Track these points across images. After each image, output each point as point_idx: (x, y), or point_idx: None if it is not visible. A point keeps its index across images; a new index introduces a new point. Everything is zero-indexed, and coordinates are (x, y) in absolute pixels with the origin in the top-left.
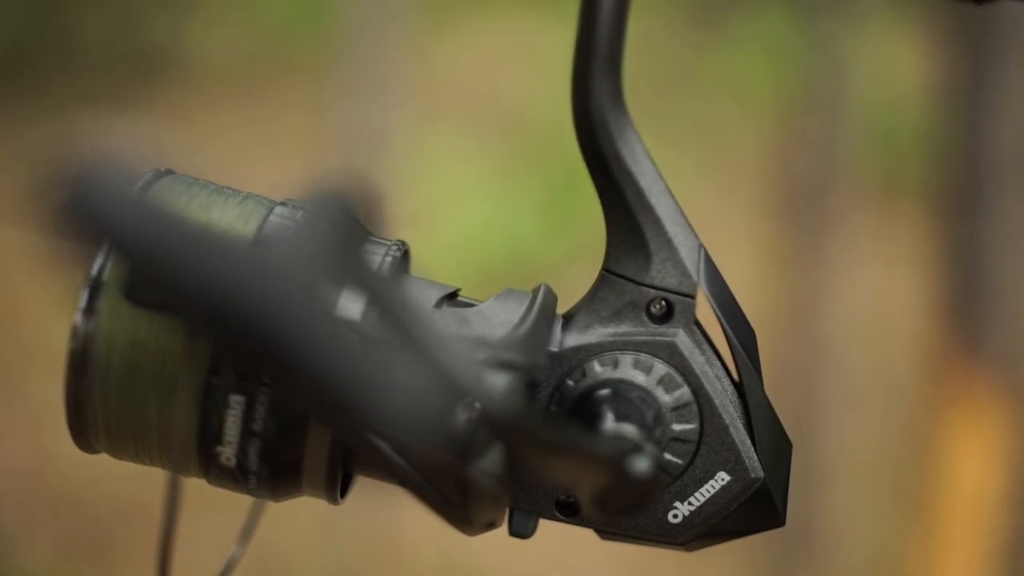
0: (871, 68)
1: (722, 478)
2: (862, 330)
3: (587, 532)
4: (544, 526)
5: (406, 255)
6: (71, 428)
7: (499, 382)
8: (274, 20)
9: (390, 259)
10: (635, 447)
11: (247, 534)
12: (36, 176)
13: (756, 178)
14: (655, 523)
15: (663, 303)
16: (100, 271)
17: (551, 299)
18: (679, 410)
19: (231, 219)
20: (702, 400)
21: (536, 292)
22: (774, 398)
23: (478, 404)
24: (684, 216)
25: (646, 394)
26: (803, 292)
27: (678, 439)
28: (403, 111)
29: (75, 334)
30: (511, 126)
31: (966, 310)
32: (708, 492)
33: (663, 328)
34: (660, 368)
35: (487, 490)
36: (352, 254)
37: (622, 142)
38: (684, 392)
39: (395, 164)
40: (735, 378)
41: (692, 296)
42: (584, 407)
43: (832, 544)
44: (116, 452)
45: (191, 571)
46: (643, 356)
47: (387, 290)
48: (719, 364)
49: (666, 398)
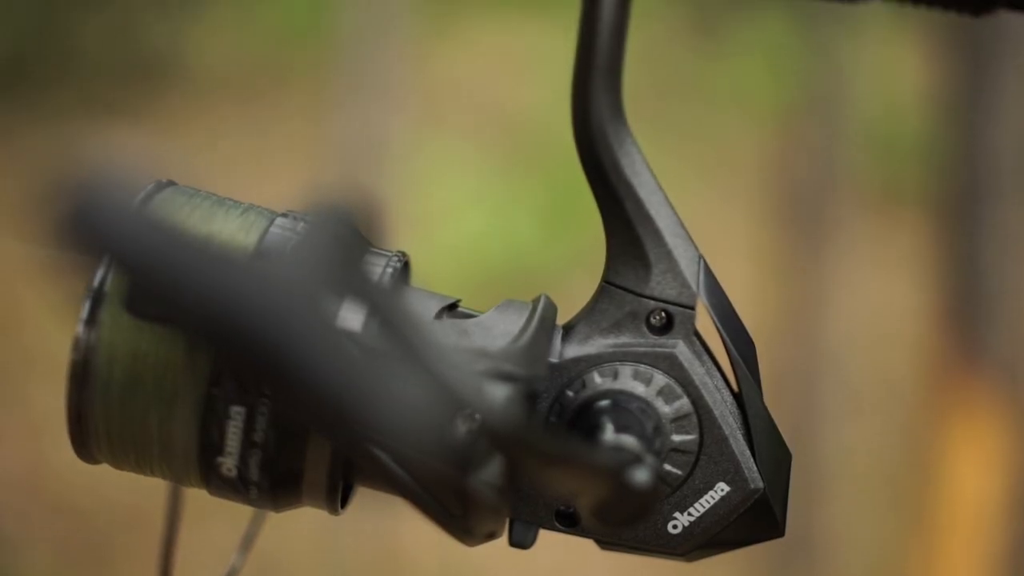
0: (871, 75)
1: (722, 489)
2: (862, 336)
3: (587, 542)
4: (544, 536)
5: (406, 266)
6: (72, 439)
7: (499, 393)
8: (273, 27)
9: (391, 270)
10: (635, 458)
11: (248, 544)
12: (37, 187)
13: (756, 184)
14: (655, 533)
15: (663, 314)
16: (102, 282)
17: (551, 310)
18: (679, 421)
19: (232, 230)
20: (702, 411)
21: (536, 303)
22: (773, 404)
23: (478, 415)
24: (684, 227)
25: (646, 405)
26: (803, 298)
27: (678, 450)
28: (402, 118)
29: (77, 345)
30: (511, 133)
31: (966, 316)
32: (708, 503)
33: (663, 339)
34: (660, 379)
35: (487, 501)
36: (353, 265)
37: (622, 153)
38: (684, 403)
39: (394, 171)
40: (735, 389)
41: (692, 307)
42: (584, 418)
43: (832, 551)
44: (117, 463)
45: None
46: (643, 367)
47: (388, 301)
48: (719, 375)
49: (666, 409)
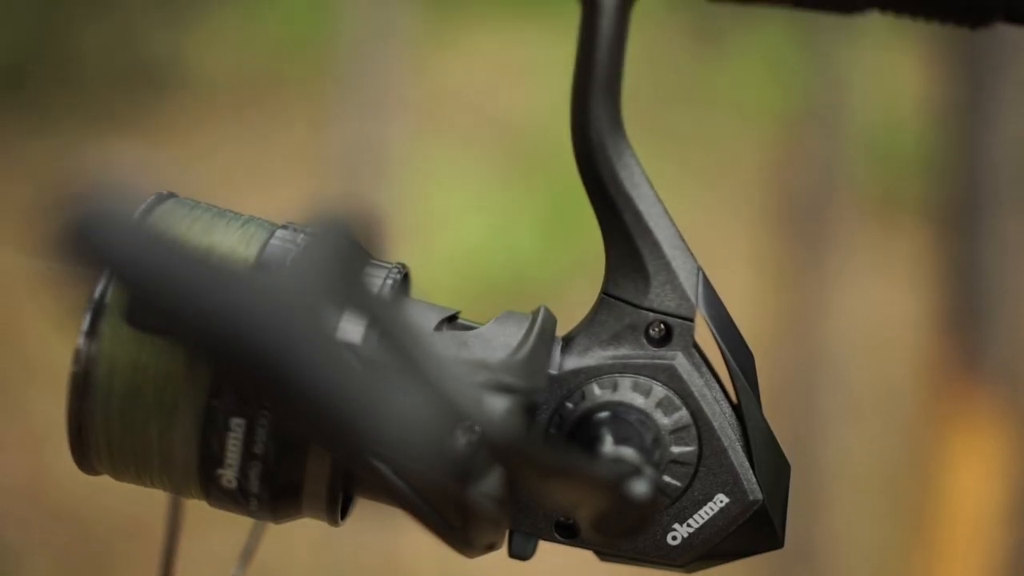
0: (870, 82)
1: (721, 500)
2: (862, 344)
3: (586, 553)
4: (544, 547)
5: (406, 278)
6: (73, 450)
7: (498, 405)
8: (273, 35)
9: (390, 282)
10: (634, 470)
11: (248, 555)
12: (38, 200)
13: (756, 192)
14: (654, 545)
15: (662, 326)
16: (103, 294)
17: (550, 322)
18: (678, 432)
19: (232, 242)
20: (701, 422)
21: (536, 315)
22: (773, 410)
23: (477, 427)
24: (682, 239)
25: (645, 417)
26: (803, 304)
27: (677, 461)
28: (402, 126)
29: (77, 357)
30: (510, 141)
31: (966, 324)
32: (707, 514)
33: (662, 351)
34: (659, 391)
35: (487, 513)
36: (353, 278)
37: (620, 166)
38: (683, 415)
39: (394, 179)
40: (734, 400)
41: (691, 319)
42: (583, 430)
43: (833, 558)
44: (118, 474)
45: None
46: (642, 379)
47: (387, 313)
48: (718, 386)
49: (665, 420)
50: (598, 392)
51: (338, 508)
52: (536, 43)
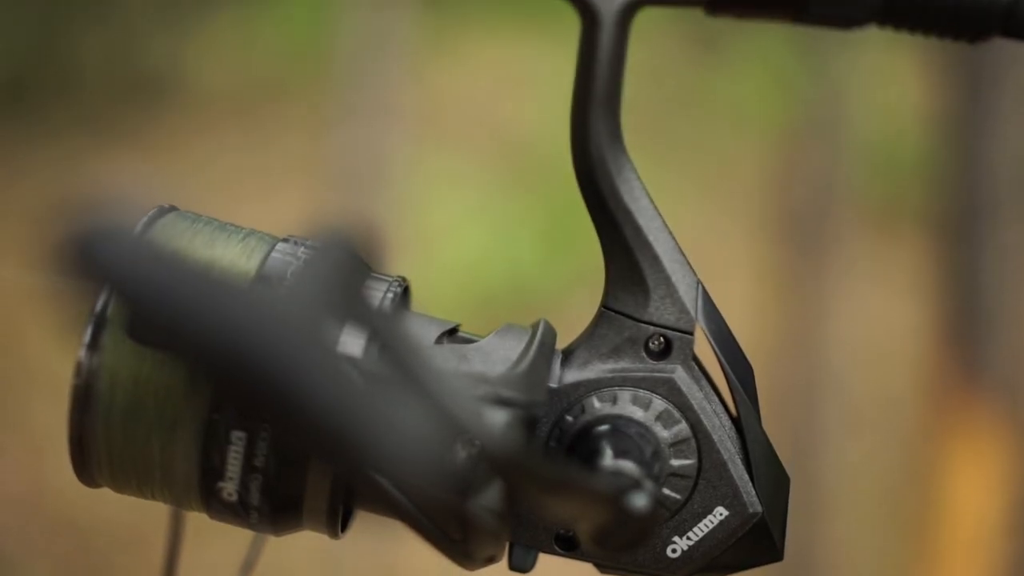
0: (870, 93)
1: (720, 513)
2: (862, 355)
3: (586, 565)
4: (543, 559)
5: (407, 291)
6: (74, 463)
7: (498, 419)
8: (273, 44)
9: (391, 295)
10: (634, 483)
11: (248, 568)
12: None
13: (756, 202)
14: (654, 557)
15: (661, 339)
16: (105, 307)
17: (550, 335)
18: (677, 445)
19: (233, 256)
20: (700, 435)
21: (535, 328)
22: (773, 421)
23: (477, 441)
24: (682, 253)
25: (644, 430)
26: (803, 316)
27: (676, 474)
28: (402, 136)
29: (79, 370)
30: (510, 151)
31: (965, 335)
32: (706, 527)
33: (661, 364)
34: (658, 404)
35: (487, 526)
36: (354, 291)
37: (620, 181)
38: (682, 428)
39: (394, 189)
40: (733, 413)
41: (690, 333)
42: (583, 443)
43: (832, 570)
44: (119, 487)
45: None
46: (642, 392)
47: (388, 327)
48: (717, 400)
49: (664, 434)
50: (598, 405)
51: (338, 521)
52: (536, 52)
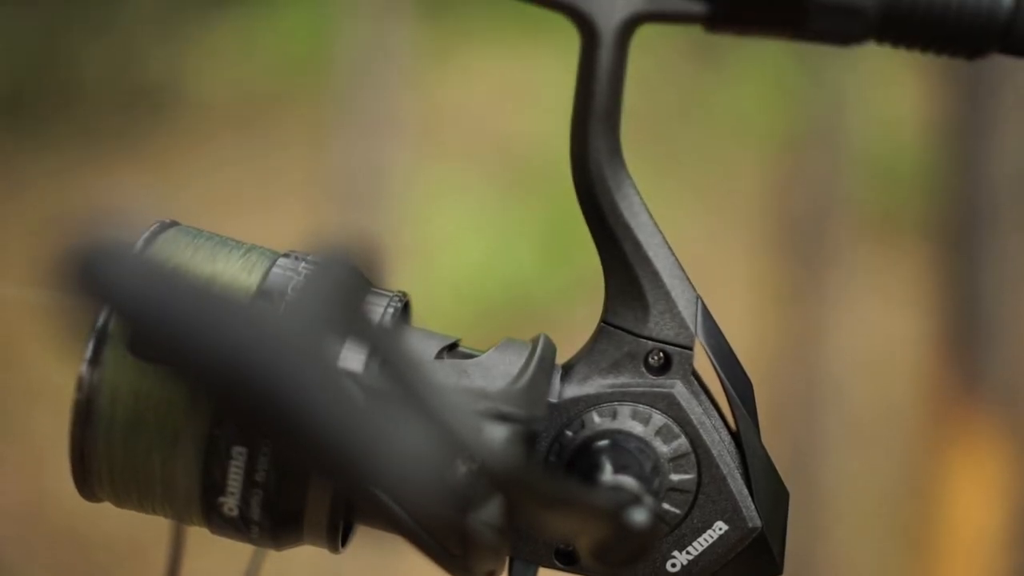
0: (870, 104)
1: (720, 527)
2: (862, 364)
3: None
4: (544, 573)
5: (407, 306)
6: (75, 477)
7: (498, 434)
8: (272, 56)
9: (391, 311)
10: (633, 498)
11: None
12: (39, 230)
13: (756, 212)
14: (653, 572)
15: (661, 355)
16: (106, 322)
17: (550, 350)
18: (677, 460)
19: (235, 271)
20: (700, 450)
21: (535, 343)
22: (773, 432)
23: (477, 457)
24: (681, 269)
25: (644, 445)
26: (803, 326)
27: (676, 489)
28: (402, 146)
29: (80, 385)
30: (510, 162)
31: (965, 345)
32: (706, 541)
33: (661, 379)
34: (658, 419)
35: (487, 541)
36: (354, 307)
37: (620, 196)
38: (682, 442)
39: (394, 200)
40: (732, 428)
41: (689, 348)
42: (583, 457)
43: None
44: (120, 501)
45: None
46: (641, 407)
47: (389, 342)
48: (716, 414)
49: (664, 448)
50: (597, 420)
51: (339, 535)
52: (535, 63)
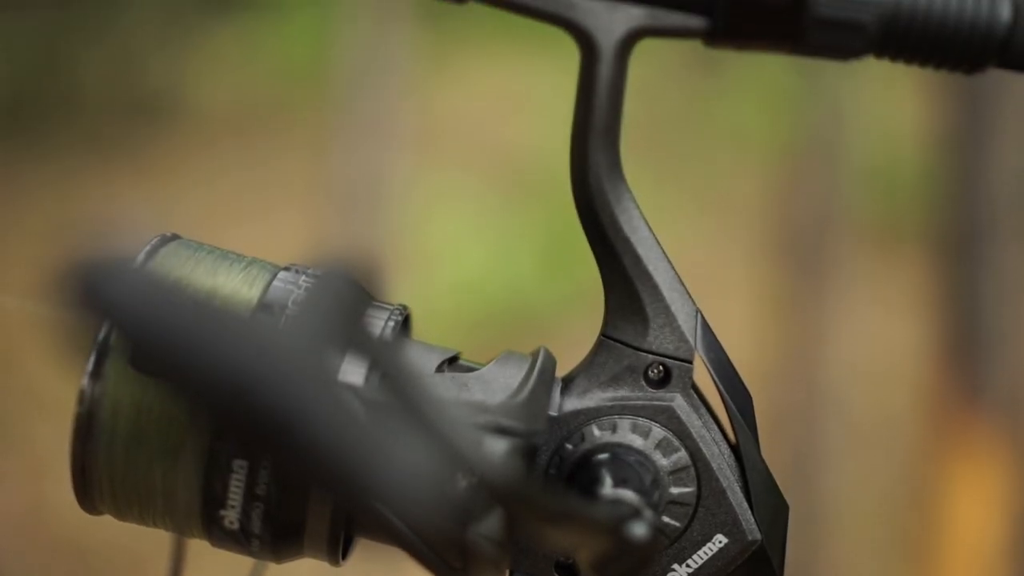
0: (869, 114)
1: (719, 540)
2: (862, 374)
3: None
4: None
5: (407, 320)
6: (76, 490)
7: (498, 448)
8: (272, 64)
9: (392, 324)
10: (633, 512)
11: None
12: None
13: (756, 222)
14: None
15: (660, 368)
16: (107, 336)
17: (550, 363)
18: (677, 473)
19: (235, 284)
20: (699, 463)
21: (536, 356)
22: (773, 441)
23: (477, 470)
24: (681, 282)
25: (644, 458)
26: (803, 336)
27: (676, 502)
28: (402, 155)
29: (82, 398)
30: (510, 170)
31: (965, 354)
32: (706, 554)
33: (661, 393)
34: (658, 432)
35: (487, 554)
36: (355, 320)
37: (619, 211)
38: (682, 456)
39: (393, 208)
40: (732, 441)
41: (689, 361)
42: (583, 471)
43: None
44: (120, 514)
45: None
46: (641, 420)
47: (389, 356)
48: (716, 428)
49: (664, 462)
50: (597, 434)
51: (339, 548)
52: (535, 73)
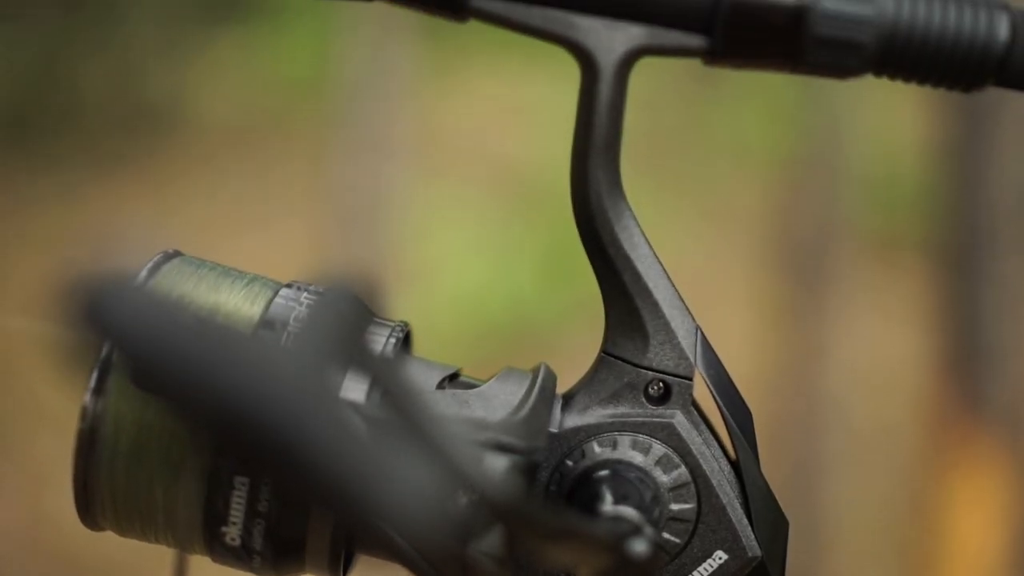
0: (869, 125)
1: (720, 557)
2: (862, 384)
3: None
4: None
5: (408, 337)
6: (78, 506)
7: (498, 465)
8: (274, 76)
9: (393, 341)
10: (634, 529)
11: None
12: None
13: (756, 233)
14: None
15: (661, 385)
16: (110, 352)
17: (551, 380)
18: (677, 490)
19: (237, 301)
20: (699, 480)
21: (536, 373)
22: (774, 453)
23: (478, 487)
24: (681, 299)
25: (644, 474)
26: (803, 347)
27: (676, 518)
28: (403, 167)
29: (84, 414)
30: (511, 183)
31: (966, 365)
32: (706, 571)
33: (661, 409)
34: (658, 449)
35: (487, 571)
36: (356, 338)
37: (619, 228)
38: (682, 472)
39: (394, 221)
40: (732, 457)
41: (689, 378)
42: (583, 488)
43: None
44: (122, 530)
45: None
46: (641, 437)
47: (390, 373)
48: (716, 444)
49: (664, 478)
50: (598, 450)
51: (340, 565)
52: (535, 85)
